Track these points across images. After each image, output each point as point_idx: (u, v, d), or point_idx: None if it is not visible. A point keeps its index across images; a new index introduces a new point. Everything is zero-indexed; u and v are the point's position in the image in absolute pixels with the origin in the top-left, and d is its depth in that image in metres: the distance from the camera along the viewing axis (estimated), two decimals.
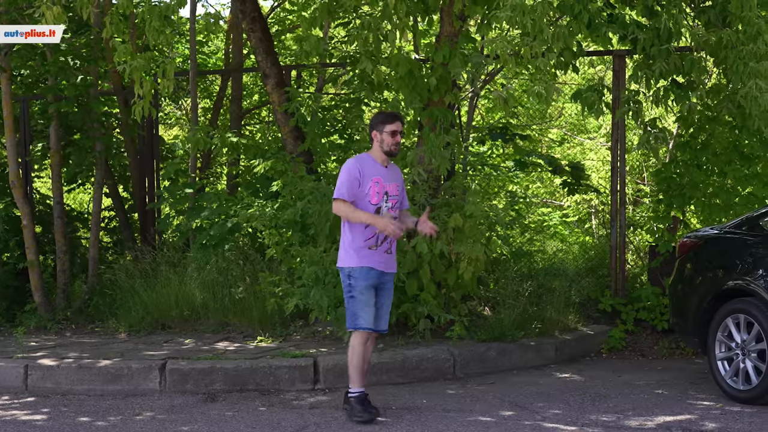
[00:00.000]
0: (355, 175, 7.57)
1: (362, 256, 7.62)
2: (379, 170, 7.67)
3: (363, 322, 7.62)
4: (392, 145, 7.67)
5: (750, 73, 8.71)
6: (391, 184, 7.71)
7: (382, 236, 7.63)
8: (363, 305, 7.61)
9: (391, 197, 7.69)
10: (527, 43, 8.47)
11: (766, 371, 8.01)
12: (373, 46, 9.63)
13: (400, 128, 7.68)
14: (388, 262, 7.75)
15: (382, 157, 7.72)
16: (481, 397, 8.44)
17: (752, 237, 8.61)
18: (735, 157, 10.87)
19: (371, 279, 7.62)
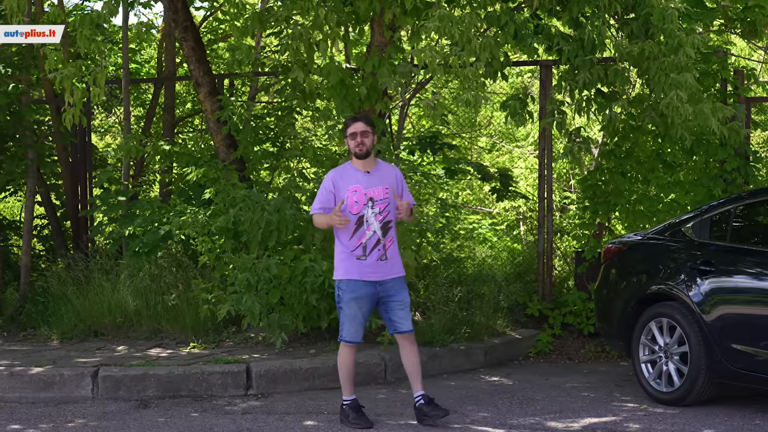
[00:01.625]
0: (328, 188, 7.61)
1: (349, 267, 7.57)
2: (358, 178, 7.60)
3: (346, 335, 7.64)
4: (355, 147, 7.60)
5: (671, 83, 8.85)
6: (376, 189, 7.61)
7: (371, 244, 7.55)
8: (348, 318, 7.60)
9: (378, 202, 7.58)
10: (455, 52, 8.54)
11: (688, 373, 8.15)
12: (305, 55, 9.65)
13: (359, 129, 7.59)
14: (384, 270, 7.61)
15: (358, 162, 7.66)
16: (411, 401, 8.43)
17: (674, 243, 8.75)
18: (658, 165, 11.02)
19: (358, 292, 7.56)
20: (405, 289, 7.76)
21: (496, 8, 9.64)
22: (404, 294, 7.71)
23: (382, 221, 7.60)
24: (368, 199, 7.56)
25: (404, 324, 7.67)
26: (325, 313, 9.74)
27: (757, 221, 8.70)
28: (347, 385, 7.76)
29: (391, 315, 7.69)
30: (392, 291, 7.65)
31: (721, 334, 7.97)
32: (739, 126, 10.04)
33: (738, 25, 11.01)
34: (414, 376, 7.77)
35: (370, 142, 7.64)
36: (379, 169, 7.75)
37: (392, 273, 7.66)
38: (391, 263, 7.66)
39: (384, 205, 7.62)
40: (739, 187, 10.64)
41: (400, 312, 7.66)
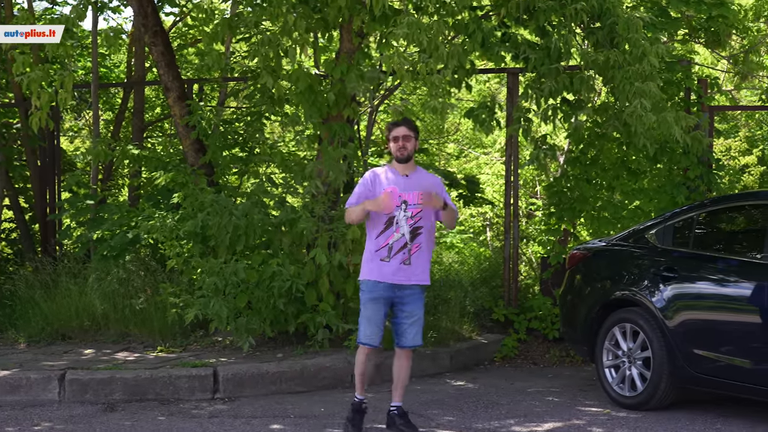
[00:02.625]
0: (367, 183, 7.52)
1: (371, 268, 7.45)
2: (397, 179, 7.48)
3: (362, 337, 7.50)
4: (397, 151, 7.49)
5: (635, 92, 8.91)
6: (411, 193, 7.44)
7: (397, 246, 7.40)
8: (365, 319, 7.47)
9: (411, 206, 7.42)
10: (423, 59, 8.57)
11: (651, 378, 8.20)
12: (273, 61, 9.64)
13: (402, 133, 7.48)
14: (405, 274, 7.44)
15: (398, 165, 7.55)
16: (378, 404, 8.46)
17: (638, 249, 8.81)
18: (622, 172, 11.09)
19: (377, 292, 7.43)
20: (420, 300, 7.56)
21: (464, 16, 9.67)
22: (416, 306, 7.53)
23: (413, 226, 7.44)
24: (402, 202, 7.41)
25: (408, 339, 7.52)
26: (292, 317, 9.74)
27: (720, 228, 8.77)
28: (360, 385, 7.64)
29: (398, 328, 7.55)
30: (407, 300, 7.48)
31: (683, 339, 8.03)
32: (702, 134, 10.12)
33: (702, 35, 11.11)
34: (398, 386, 7.66)
35: (411, 146, 7.51)
36: (418, 174, 7.61)
37: (413, 279, 7.47)
38: (414, 269, 7.47)
39: (417, 211, 7.45)
40: (702, 195, 10.72)
41: (408, 326, 7.50)
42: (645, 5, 10.63)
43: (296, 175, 10.37)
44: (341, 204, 10.08)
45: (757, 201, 8.55)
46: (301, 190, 10.45)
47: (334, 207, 10.04)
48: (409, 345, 7.56)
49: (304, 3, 9.50)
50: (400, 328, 7.54)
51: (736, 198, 9.19)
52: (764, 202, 8.32)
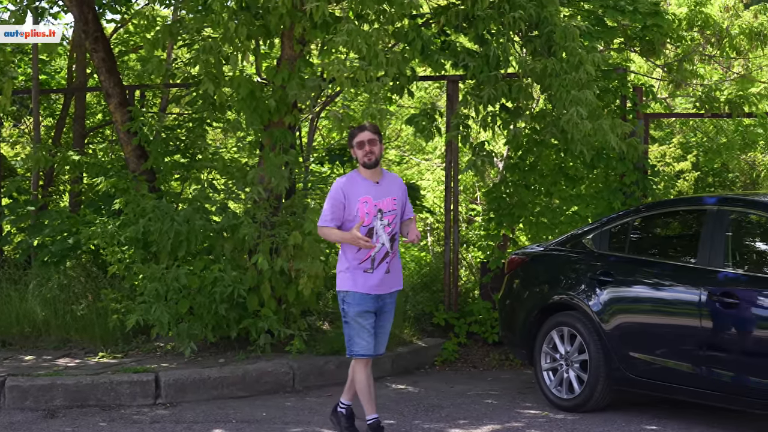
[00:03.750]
0: (339, 198, 7.21)
1: (357, 280, 7.25)
2: (368, 188, 7.26)
3: (359, 349, 7.28)
4: (364, 157, 7.25)
5: (572, 100, 9.01)
6: (385, 200, 7.28)
7: (380, 257, 7.24)
8: (358, 331, 7.27)
9: (386, 213, 7.26)
10: (363, 67, 8.60)
11: (588, 381, 8.29)
12: (215, 68, 9.62)
13: (367, 137, 7.25)
14: (387, 283, 7.34)
15: (366, 172, 7.31)
16: (319, 409, 8.49)
17: (575, 254, 8.90)
18: (560, 178, 11.19)
19: (366, 305, 7.26)
20: (394, 306, 7.50)
21: (404, 24, 9.73)
22: (391, 314, 7.48)
23: (391, 233, 7.31)
24: (378, 211, 7.25)
25: (382, 347, 7.49)
26: (234, 323, 9.71)
27: (655, 233, 8.89)
28: (369, 403, 7.41)
29: None
30: (386, 308, 7.41)
31: (619, 342, 8.13)
32: (637, 141, 10.24)
33: (637, 44, 11.24)
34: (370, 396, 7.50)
35: (378, 150, 7.31)
36: (387, 179, 7.43)
37: (393, 286, 7.42)
38: (393, 276, 7.39)
39: (392, 217, 7.32)
40: (637, 200, 10.84)
41: (380, 336, 7.42)
42: (582, 14, 10.73)
43: (238, 181, 10.34)
44: (283, 210, 10.08)
45: (691, 206, 8.68)
46: (243, 196, 10.42)
47: (275, 213, 10.03)
48: (382, 351, 7.51)
49: (246, 10, 9.49)
50: (376, 333, 7.39)
51: (671, 203, 9.33)
52: (698, 207, 8.44)
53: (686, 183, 14.77)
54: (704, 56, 12.64)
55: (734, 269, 7.64)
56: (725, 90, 13.26)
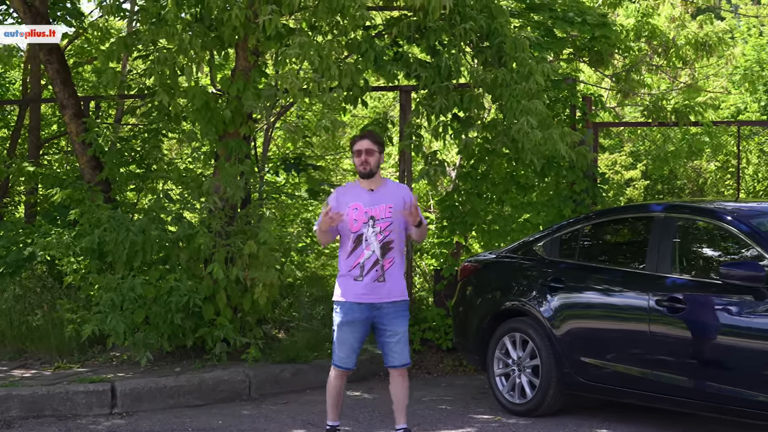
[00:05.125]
0: (330, 203, 7.18)
1: (346, 289, 7.15)
2: (362, 196, 7.17)
3: (336, 359, 7.22)
4: (359, 165, 7.18)
5: (522, 110, 9.08)
6: (379, 207, 7.13)
7: (369, 264, 7.08)
8: (338, 342, 7.18)
9: (380, 221, 7.10)
10: (316, 79, 8.61)
11: (540, 386, 8.34)
12: (170, 79, 9.59)
13: (364, 146, 7.16)
14: (380, 292, 7.12)
15: (363, 180, 7.23)
16: (274, 416, 8.48)
17: (527, 261, 8.95)
18: (512, 187, 11.25)
19: (351, 315, 7.12)
20: (403, 317, 7.24)
21: (357, 35, 9.75)
22: (399, 324, 7.19)
23: (383, 241, 7.12)
24: (369, 218, 7.11)
25: (395, 358, 7.20)
26: (190, 332, 9.67)
27: (604, 240, 8.97)
28: (332, 410, 7.35)
29: (384, 347, 7.25)
30: (387, 319, 7.16)
31: (570, 347, 8.19)
32: (586, 150, 10.32)
33: (586, 54, 11.34)
34: (399, 408, 7.34)
35: (374, 161, 7.20)
36: (385, 187, 7.29)
37: (389, 296, 7.16)
38: (389, 285, 7.16)
39: (385, 225, 7.14)
40: (587, 208, 10.91)
41: (392, 345, 7.17)
42: (532, 26, 10.82)
43: (193, 191, 10.32)
44: (238, 219, 10.06)
45: (639, 213, 8.79)
46: (198, 206, 10.40)
47: (231, 222, 10.00)
48: (397, 364, 7.22)
49: (200, 21, 9.48)
50: (385, 347, 7.23)
51: (620, 211, 9.41)
52: (646, 214, 8.54)
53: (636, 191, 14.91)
54: (651, 66, 12.76)
55: (681, 275, 7.73)
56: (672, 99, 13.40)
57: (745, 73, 17.21)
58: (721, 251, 7.87)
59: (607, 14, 11.67)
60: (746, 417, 7.23)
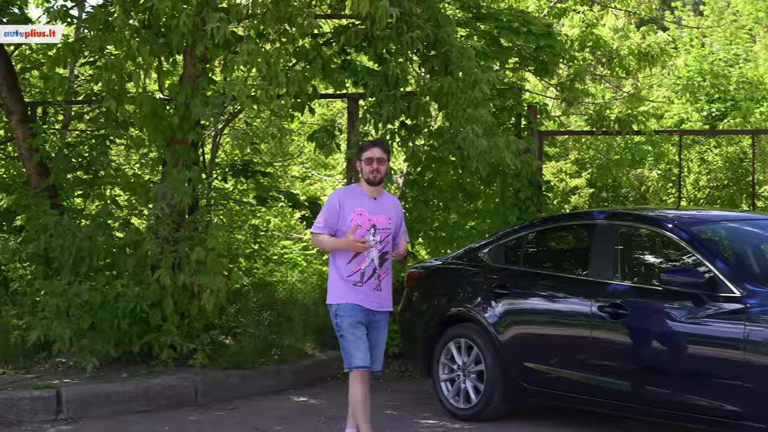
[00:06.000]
0: (334, 206, 7.11)
1: (347, 292, 7.09)
2: (365, 201, 7.15)
3: (357, 361, 7.04)
4: (369, 173, 7.12)
5: (468, 118, 9.14)
6: (380, 216, 7.16)
7: (369, 272, 7.09)
8: (354, 343, 7.04)
9: (380, 230, 7.12)
10: (264, 86, 8.60)
11: (484, 391, 8.38)
12: (117, 85, 9.53)
13: (377, 155, 7.13)
14: (378, 300, 7.17)
15: (368, 188, 7.18)
16: (221, 422, 8.44)
17: (472, 267, 8.99)
18: (458, 194, 11.30)
19: (358, 316, 7.07)
20: (386, 327, 7.31)
21: (305, 43, 9.76)
22: (383, 333, 7.27)
23: (381, 251, 7.15)
24: (371, 226, 7.11)
25: (378, 364, 7.27)
26: (136, 338, 9.60)
27: (548, 247, 9.02)
28: (365, 417, 7.13)
29: None
30: (376, 326, 7.22)
31: (514, 353, 8.23)
32: (531, 158, 10.40)
33: (531, 64, 11.42)
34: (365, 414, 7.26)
35: (384, 170, 7.20)
36: (384, 198, 7.32)
37: (383, 306, 7.24)
38: (384, 295, 7.24)
39: (384, 235, 7.17)
40: (532, 215, 10.99)
41: (376, 353, 7.21)
42: (478, 35, 10.88)
43: (141, 198, 10.27)
44: (186, 226, 10.01)
45: (583, 221, 8.86)
46: (146, 212, 10.33)
47: (178, 229, 9.95)
48: (374, 370, 7.24)
49: (148, 28, 9.43)
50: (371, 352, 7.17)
51: (563, 218, 9.51)
52: (589, 221, 8.61)
53: (581, 198, 15.03)
54: (595, 76, 12.88)
55: (623, 281, 7.80)
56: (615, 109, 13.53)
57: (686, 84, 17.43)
58: (662, 258, 7.95)
59: (552, 24, 11.78)
60: (688, 422, 7.30)
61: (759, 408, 6.83)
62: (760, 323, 6.86)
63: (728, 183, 15.36)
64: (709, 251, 7.46)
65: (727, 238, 8.07)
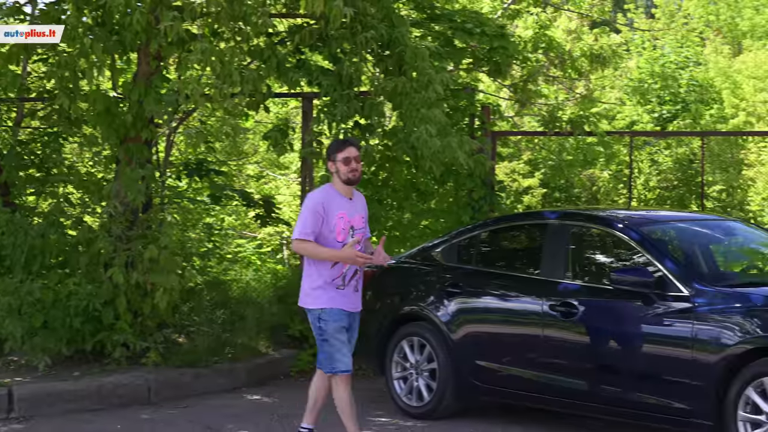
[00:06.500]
0: (318, 212, 6.94)
1: (332, 296, 7.00)
2: (344, 204, 7.05)
3: (342, 365, 7.06)
4: (349, 173, 7.01)
5: (421, 118, 9.16)
6: (356, 216, 7.11)
7: (350, 274, 7.01)
8: (339, 347, 7.04)
9: (357, 231, 7.08)
10: (218, 85, 8.57)
11: (437, 389, 8.41)
12: (70, 82, 9.45)
13: (353, 154, 7.03)
14: (355, 301, 7.16)
15: (344, 188, 7.08)
16: (174, 420, 8.40)
17: (425, 266, 9.01)
18: (412, 194, 11.33)
19: (343, 321, 7.04)
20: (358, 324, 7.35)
21: (260, 42, 9.73)
22: (356, 331, 7.32)
23: (360, 251, 7.08)
24: (350, 227, 7.03)
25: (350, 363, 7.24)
26: (89, 336, 9.53)
27: (501, 246, 9.06)
28: (352, 421, 7.21)
29: None
30: (354, 326, 7.25)
31: (467, 351, 8.27)
32: (484, 158, 10.44)
33: (485, 65, 11.44)
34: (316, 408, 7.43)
35: (360, 168, 7.20)
36: (356, 197, 7.26)
37: (359, 306, 7.24)
38: (360, 295, 7.23)
39: (361, 235, 7.12)
40: (485, 215, 11.02)
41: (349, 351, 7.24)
42: (432, 36, 10.90)
43: (94, 196, 10.20)
44: (139, 224, 9.94)
45: (535, 221, 8.92)
46: (99, 210, 10.26)
47: (132, 227, 9.88)
48: None
49: (102, 26, 9.36)
50: None
51: (516, 218, 9.57)
52: (541, 221, 8.67)
53: (534, 198, 15.10)
54: (548, 77, 12.94)
55: (574, 280, 7.86)
56: (568, 110, 13.61)
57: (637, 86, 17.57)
58: (612, 258, 8.02)
59: (506, 26, 11.82)
60: (636, 419, 7.38)
61: (706, 405, 6.90)
62: (708, 322, 6.94)
63: (678, 184, 15.50)
64: (658, 251, 7.53)
65: (676, 239, 8.16)
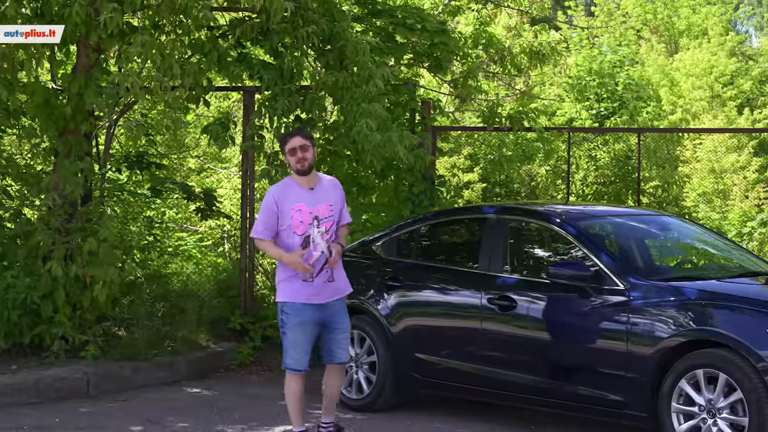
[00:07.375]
0: (271, 208, 6.88)
1: (296, 289, 6.91)
2: (302, 195, 6.93)
3: (291, 363, 6.98)
4: (297, 163, 6.92)
5: (362, 112, 9.15)
6: (320, 206, 6.95)
7: (319, 265, 6.86)
8: (291, 344, 6.95)
9: (324, 220, 6.92)
10: (158, 78, 8.50)
11: (376, 381, 8.43)
12: (9, 74, 9.31)
13: (298, 143, 6.92)
14: (330, 292, 7.01)
15: (300, 178, 6.99)
16: (113, 414, 8.33)
17: (366, 260, 9.02)
18: (353, 188, 11.30)
19: (303, 316, 6.92)
20: (346, 311, 7.20)
21: (201, 35, 9.66)
22: (345, 318, 7.16)
23: (329, 241, 6.93)
24: (313, 218, 6.89)
25: (341, 355, 7.15)
26: (27, 329, 9.42)
27: (441, 240, 9.10)
28: (297, 416, 7.15)
29: (329, 343, 7.11)
30: (335, 317, 7.07)
31: (406, 344, 8.30)
32: (424, 153, 10.46)
33: (426, 60, 11.45)
34: (331, 404, 7.36)
35: (311, 156, 7.00)
36: (321, 184, 7.11)
37: (337, 294, 7.09)
38: (337, 284, 7.09)
39: (329, 224, 6.98)
40: (425, 209, 11.05)
41: (339, 341, 7.12)
42: (373, 30, 10.89)
43: (32, 188, 10.06)
44: (78, 217, 9.83)
45: (474, 215, 8.97)
46: (37, 203, 10.13)
47: (70, 220, 9.77)
48: (342, 360, 7.20)
49: (40, 17, 9.23)
50: (331, 343, 7.12)
51: (455, 212, 9.59)
52: (480, 215, 8.72)
53: (474, 193, 15.15)
54: (488, 73, 12.98)
55: (512, 274, 7.91)
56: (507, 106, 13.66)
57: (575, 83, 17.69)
58: (550, 252, 8.09)
59: (447, 22, 11.83)
60: (573, 411, 7.45)
61: (640, 397, 6.99)
62: (643, 315, 7.02)
63: (615, 179, 15.66)
64: (595, 245, 7.60)
65: (612, 233, 8.24)
